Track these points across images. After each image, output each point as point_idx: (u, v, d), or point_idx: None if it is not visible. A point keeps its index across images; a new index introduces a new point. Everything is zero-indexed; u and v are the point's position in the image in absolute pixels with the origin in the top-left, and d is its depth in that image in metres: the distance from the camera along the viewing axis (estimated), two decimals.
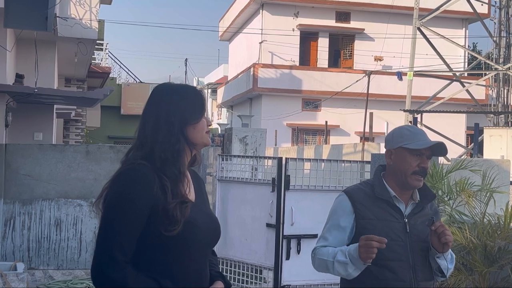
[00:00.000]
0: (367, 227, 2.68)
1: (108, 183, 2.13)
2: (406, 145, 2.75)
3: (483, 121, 21.00)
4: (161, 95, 2.23)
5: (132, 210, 2.04)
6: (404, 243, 2.72)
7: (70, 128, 18.02)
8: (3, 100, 9.63)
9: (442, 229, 2.65)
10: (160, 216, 2.05)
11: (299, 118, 25.16)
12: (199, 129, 2.20)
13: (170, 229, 2.04)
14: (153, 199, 2.05)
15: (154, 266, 2.07)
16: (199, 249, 2.16)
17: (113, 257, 2.00)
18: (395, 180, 2.80)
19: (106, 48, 26.18)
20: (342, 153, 14.16)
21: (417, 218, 2.79)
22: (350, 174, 6.69)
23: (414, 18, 20.45)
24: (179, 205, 2.08)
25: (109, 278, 2.01)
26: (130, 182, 2.07)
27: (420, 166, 2.74)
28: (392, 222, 2.75)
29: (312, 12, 26.32)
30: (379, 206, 2.75)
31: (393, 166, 2.80)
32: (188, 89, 2.27)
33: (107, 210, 2.08)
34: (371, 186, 2.84)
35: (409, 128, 2.89)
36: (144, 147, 2.14)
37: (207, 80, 42.89)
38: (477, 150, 15.26)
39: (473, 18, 25.00)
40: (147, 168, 2.09)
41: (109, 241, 2.03)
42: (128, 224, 2.03)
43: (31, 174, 7.81)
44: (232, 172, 7.12)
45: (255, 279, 6.76)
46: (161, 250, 2.07)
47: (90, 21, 11.88)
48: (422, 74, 21.10)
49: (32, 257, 7.80)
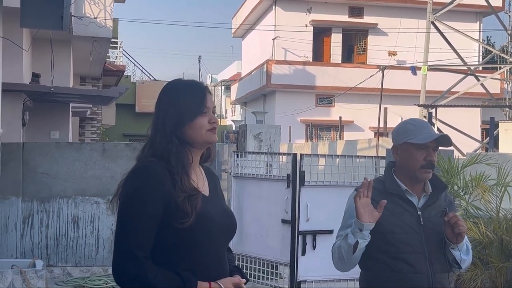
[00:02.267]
0: (381, 221, 2.69)
1: (123, 180, 2.18)
2: (410, 140, 2.77)
3: (498, 115, 20.87)
4: (163, 94, 2.26)
5: (147, 206, 2.07)
6: (418, 235, 2.74)
7: (85, 126, 18.14)
8: (20, 99, 9.73)
9: (455, 219, 2.66)
10: (173, 210, 2.09)
11: (313, 114, 25.13)
12: (196, 128, 2.19)
13: (181, 221, 2.07)
14: (166, 194, 2.09)
15: (172, 260, 2.11)
16: (214, 242, 2.19)
17: (132, 254, 2.04)
18: (405, 174, 2.82)
19: (120, 46, 26.29)
20: (357, 148, 14.15)
21: (431, 210, 2.80)
22: (365, 169, 6.70)
23: (428, 12, 20.33)
24: (187, 198, 2.10)
25: (130, 275, 2.04)
26: (144, 179, 2.11)
27: (427, 160, 2.77)
28: (405, 215, 2.77)
29: (325, 8, 26.26)
30: (392, 201, 2.76)
31: (401, 162, 2.83)
32: (189, 86, 2.26)
33: (123, 207, 2.12)
34: (382, 182, 2.87)
35: (412, 122, 2.90)
36: (152, 146, 2.20)
37: (221, 77, 42.93)
38: (492, 144, 15.18)
39: (488, 12, 24.80)
40: (157, 164, 2.13)
41: (127, 238, 2.07)
42: (145, 220, 2.07)
43: (48, 172, 7.89)
44: (247, 168, 7.15)
45: (271, 275, 6.79)
46: (178, 244, 2.11)
47: (104, 19, 11.97)
48: (437, 68, 20.98)
49: (51, 254, 7.88)
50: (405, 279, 2.71)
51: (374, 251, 2.75)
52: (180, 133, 2.18)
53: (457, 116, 22.61)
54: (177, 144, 2.16)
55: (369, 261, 2.79)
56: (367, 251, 2.74)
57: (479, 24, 27.03)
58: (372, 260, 2.77)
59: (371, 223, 2.64)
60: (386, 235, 2.73)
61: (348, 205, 2.89)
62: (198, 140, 2.21)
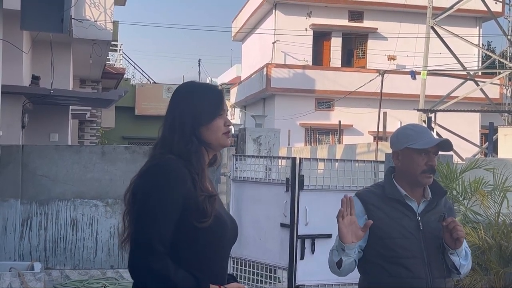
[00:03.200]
0: (380, 227, 2.69)
1: (138, 176, 2.15)
2: (411, 145, 2.76)
3: (498, 120, 20.88)
4: (179, 95, 2.27)
5: (168, 202, 2.06)
6: (418, 241, 2.73)
7: (85, 128, 18.15)
8: (19, 102, 9.74)
9: (454, 224, 2.66)
10: (192, 209, 2.09)
11: (312, 118, 25.14)
12: (213, 130, 2.21)
13: (202, 220, 2.07)
14: (186, 191, 2.09)
15: (184, 260, 2.08)
16: (225, 245, 2.21)
17: (153, 248, 2.01)
18: (405, 179, 2.81)
19: (120, 49, 26.32)
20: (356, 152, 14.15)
21: (431, 216, 2.79)
22: (364, 174, 6.69)
23: (428, 17, 20.37)
24: (208, 198, 2.12)
25: (151, 269, 2.00)
26: (165, 174, 2.10)
27: (428, 164, 2.76)
28: (404, 220, 2.76)
29: (325, 12, 26.29)
30: (391, 206, 2.77)
31: (402, 167, 2.82)
32: (206, 88, 2.29)
33: (143, 202, 2.08)
34: (381, 187, 2.86)
35: (412, 127, 2.89)
36: (166, 146, 2.18)
37: (220, 81, 42.95)
38: (491, 150, 15.19)
39: (487, 17, 24.83)
40: (178, 161, 2.13)
41: (148, 232, 2.03)
42: (165, 215, 2.06)
43: (47, 175, 7.89)
44: (246, 172, 7.14)
45: (269, 279, 6.78)
46: (192, 244, 2.10)
47: (104, 22, 11.97)
48: (436, 73, 21.00)
49: (49, 257, 7.88)
50: (403, 284, 2.70)
51: (373, 256, 2.75)
52: (198, 134, 2.19)
53: (456, 121, 22.63)
54: (197, 144, 2.18)
55: (367, 266, 2.78)
56: (365, 255, 2.74)
57: (479, 29, 27.08)
58: (371, 265, 2.77)
59: (353, 243, 2.62)
60: (385, 240, 2.72)
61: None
62: (213, 142, 2.22)
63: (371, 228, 2.70)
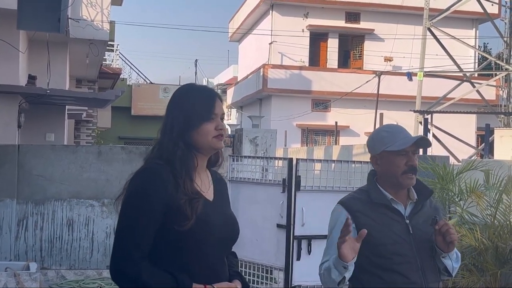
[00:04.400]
0: (370, 233, 2.59)
1: (128, 181, 2.21)
2: (388, 148, 2.71)
3: (494, 122, 20.93)
4: (173, 98, 2.30)
5: (147, 208, 2.11)
6: (409, 245, 2.67)
7: (81, 128, 18.12)
8: (15, 101, 9.72)
9: (446, 227, 2.60)
10: (174, 212, 2.12)
11: (308, 119, 25.15)
12: (203, 134, 2.22)
13: (181, 224, 2.11)
14: (167, 197, 2.13)
15: (170, 262, 2.14)
16: (212, 247, 2.21)
17: (128, 254, 2.08)
18: (388, 183, 2.75)
19: (117, 49, 26.27)
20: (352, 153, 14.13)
21: (418, 218, 2.74)
22: (360, 174, 6.70)
23: (424, 19, 20.41)
24: (189, 201, 2.14)
25: (124, 274, 2.08)
26: (146, 180, 2.15)
27: (408, 165, 2.70)
28: (393, 225, 2.69)
29: (321, 13, 26.31)
30: (378, 211, 2.70)
31: (382, 171, 2.76)
32: (199, 91, 2.30)
33: (124, 208, 2.15)
34: (366, 192, 2.78)
35: (386, 129, 2.83)
36: (159, 149, 2.24)
37: (217, 81, 42.93)
38: (487, 151, 15.22)
39: (484, 18, 24.90)
40: (162, 167, 2.17)
41: (125, 238, 2.11)
42: (144, 221, 2.11)
43: (43, 175, 7.87)
44: (242, 172, 7.14)
45: (265, 280, 6.78)
46: (176, 246, 2.14)
47: (101, 22, 11.95)
48: (432, 74, 21.04)
49: (45, 257, 7.86)
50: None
51: (366, 264, 2.66)
52: (188, 138, 2.22)
53: (453, 122, 22.67)
54: (182, 148, 2.20)
55: (361, 275, 2.68)
56: (358, 263, 2.62)
57: (475, 31, 27.12)
58: (364, 273, 2.68)
59: (354, 258, 2.55)
60: (378, 246, 2.65)
61: (333, 221, 2.84)
62: (204, 145, 2.24)
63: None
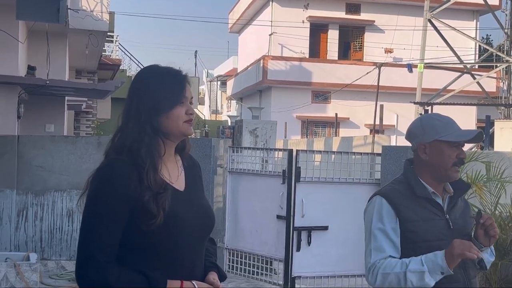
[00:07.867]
0: (414, 230, 2.48)
1: (89, 179, 2.05)
2: (442, 137, 2.55)
3: (494, 114, 20.91)
4: (138, 80, 2.13)
5: (109, 209, 1.96)
6: (451, 241, 2.43)
7: (80, 120, 18.11)
8: (15, 92, 9.69)
9: (490, 221, 2.49)
10: (139, 211, 1.97)
11: (309, 111, 25.13)
12: (173, 119, 2.05)
13: (148, 223, 1.96)
14: (130, 195, 1.97)
15: (141, 261, 2.00)
16: (186, 241, 2.06)
17: (93, 257, 1.94)
18: (432, 174, 2.58)
19: (116, 40, 26.21)
20: (352, 145, 14.15)
21: (455, 212, 2.61)
22: (360, 166, 6.70)
23: (425, 10, 20.35)
24: (154, 196, 1.98)
25: (90, 279, 1.94)
26: (105, 181, 1.98)
27: (459, 157, 2.55)
28: (436, 220, 2.54)
29: (322, 4, 26.24)
30: (421, 205, 2.54)
31: (429, 161, 2.57)
32: (168, 73, 2.13)
33: (86, 210, 2.00)
34: (405, 184, 2.60)
35: (438, 118, 2.67)
36: (118, 137, 2.07)
37: (217, 72, 42.89)
38: (488, 143, 15.22)
39: (484, 10, 24.83)
40: (123, 163, 2.00)
41: (88, 241, 1.96)
42: (107, 222, 1.96)
43: (43, 166, 7.86)
44: (242, 164, 7.14)
45: (265, 271, 6.79)
46: (146, 245, 1.99)
47: (101, 13, 11.91)
48: (433, 66, 21.01)
49: (45, 247, 7.86)
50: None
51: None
52: (155, 123, 2.04)
53: (453, 114, 22.19)
54: (150, 134, 2.03)
55: None
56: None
57: (476, 23, 27.06)
58: None
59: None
60: (419, 243, 2.50)
61: (378, 213, 2.57)
62: (173, 131, 2.08)
63: (404, 233, 2.50)
